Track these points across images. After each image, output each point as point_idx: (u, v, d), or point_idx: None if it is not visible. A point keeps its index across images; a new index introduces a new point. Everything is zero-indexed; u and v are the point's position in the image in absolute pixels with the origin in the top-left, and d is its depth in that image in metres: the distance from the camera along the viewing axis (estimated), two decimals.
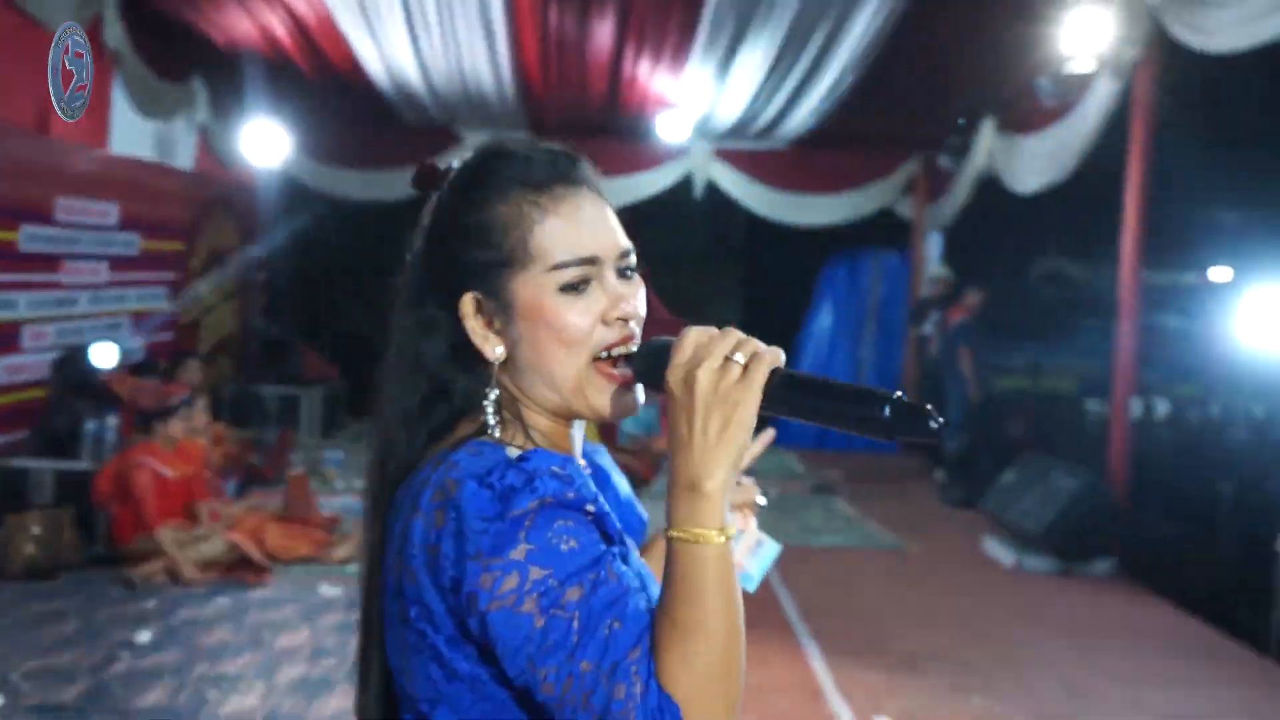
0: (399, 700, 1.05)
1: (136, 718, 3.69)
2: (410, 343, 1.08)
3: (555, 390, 1.06)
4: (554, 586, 0.94)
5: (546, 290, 1.04)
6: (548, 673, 0.93)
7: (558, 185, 1.08)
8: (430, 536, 0.97)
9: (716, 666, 0.94)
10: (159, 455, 5.33)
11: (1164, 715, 4.23)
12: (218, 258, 9.28)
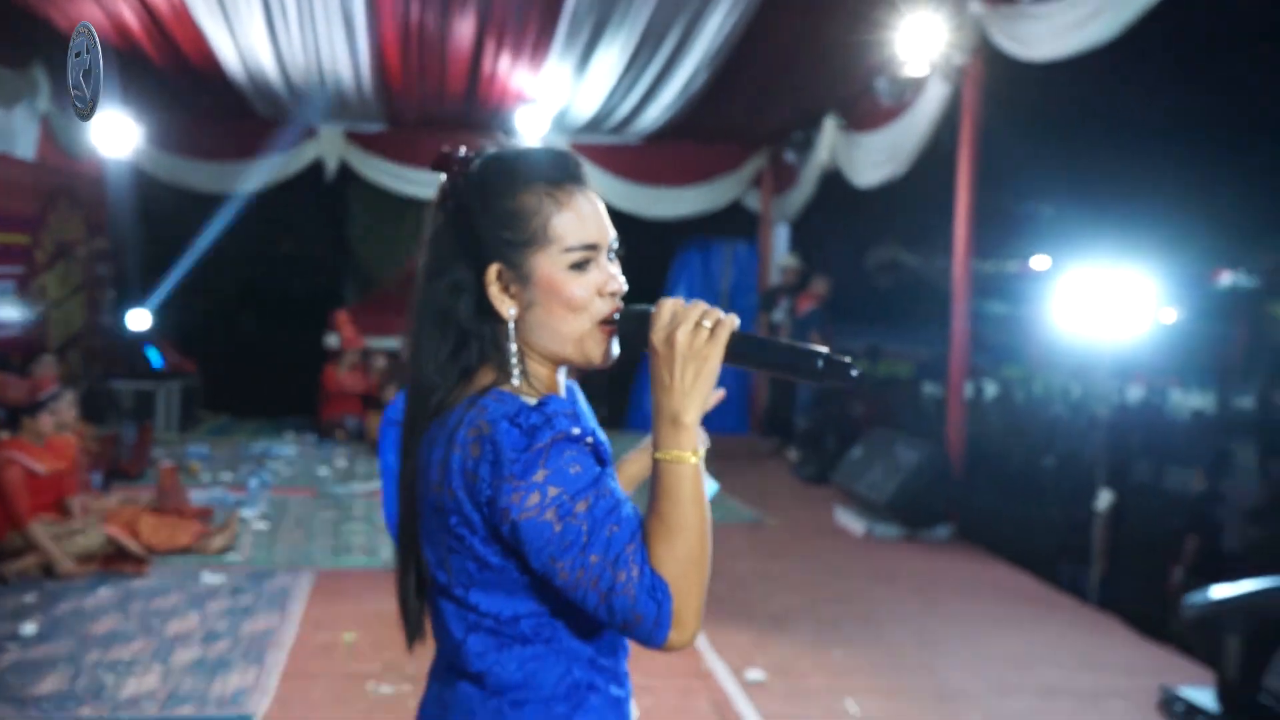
0: (433, 589, 1.29)
1: (37, 705, 3.73)
2: (440, 302, 1.31)
3: (560, 344, 1.32)
4: (566, 501, 1.20)
5: (559, 267, 1.29)
6: (564, 565, 1.19)
7: (569, 183, 1.32)
8: (468, 465, 1.21)
9: (695, 553, 1.22)
10: (29, 451, 5.27)
11: (1002, 655, 4.71)
12: (65, 251, 9.03)
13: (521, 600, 1.26)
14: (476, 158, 1.36)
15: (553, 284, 1.30)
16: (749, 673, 4.35)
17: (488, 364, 1.32)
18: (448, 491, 1.23)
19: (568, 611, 1.27)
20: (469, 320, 1.32)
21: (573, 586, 1.20)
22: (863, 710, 4.03)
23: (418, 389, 1.32)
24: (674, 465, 1.24)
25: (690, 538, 1.23)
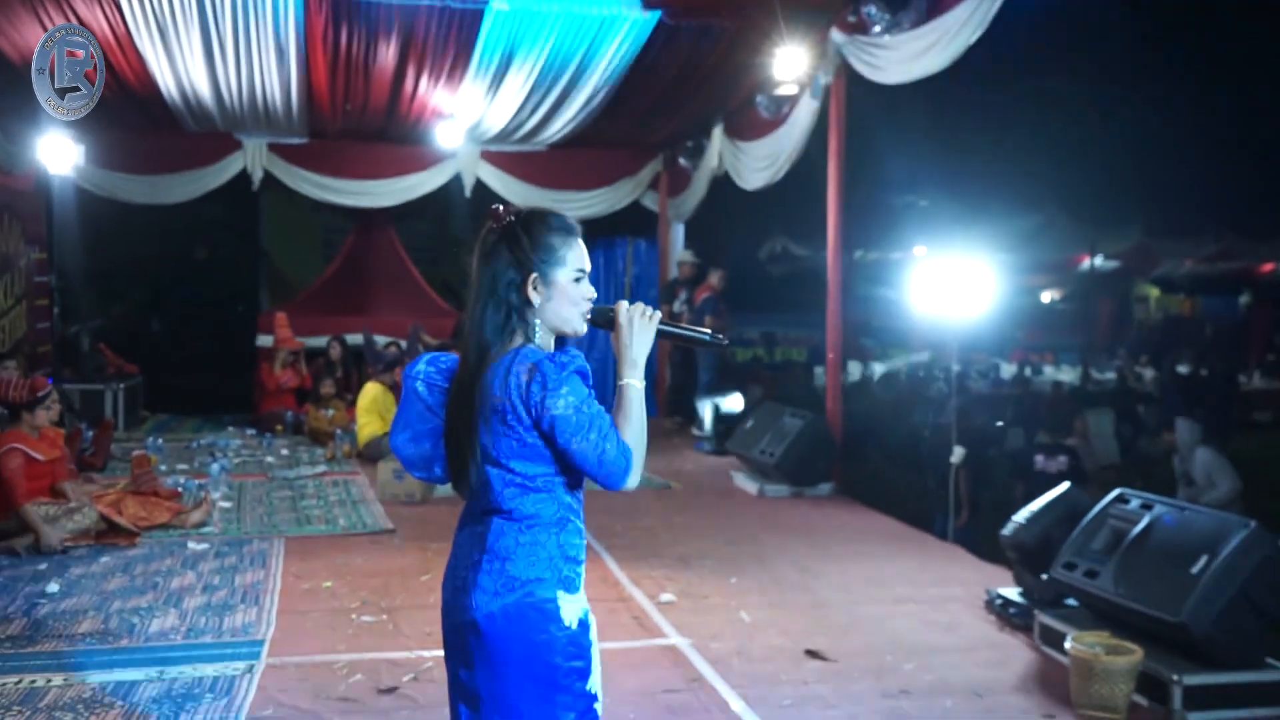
0: (485, 460, 2.22)
1: (82, 640, 4.54)
2: (499, 292, 2.22)
3: (562, 323, 2.26)
4: (578, 403, 2.15)
5: (568, 280, 2.25)
6: (579, 440, 2.14)
7: (574, 235, 2.28)
8: (523, 384, 2.14)
9: (640, 434, 2.20)
10: (27, 441, 6.00)
11: (865, 578, 5.78)
12: (8, 264, 9.61)
13: (541, 465, 2.21)
14: (519, 212, 2.28)
15: (564, 289, 2.25)
16: (662, 596, 5.36)
17: (516, 332, 2.27)
18: (506, 400, 2.17)
19: (565, 473, 2.22)
20: (516, 305, 2.25)
21: (582, 453, 2.15)
22: (752, 618, 5.07)
23: (480, 345, 2.25)
24: (630, 387, 2.22)
25: (637, 426, 2.21)
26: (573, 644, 2.20)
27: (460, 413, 2.26)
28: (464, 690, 2.27)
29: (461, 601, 2.22)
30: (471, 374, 2.24)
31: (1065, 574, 4.61)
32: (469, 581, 2.21)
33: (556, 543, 2.22)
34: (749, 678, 4.30)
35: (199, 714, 3.80)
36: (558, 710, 2.19)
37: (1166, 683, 3.96)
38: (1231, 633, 4.00)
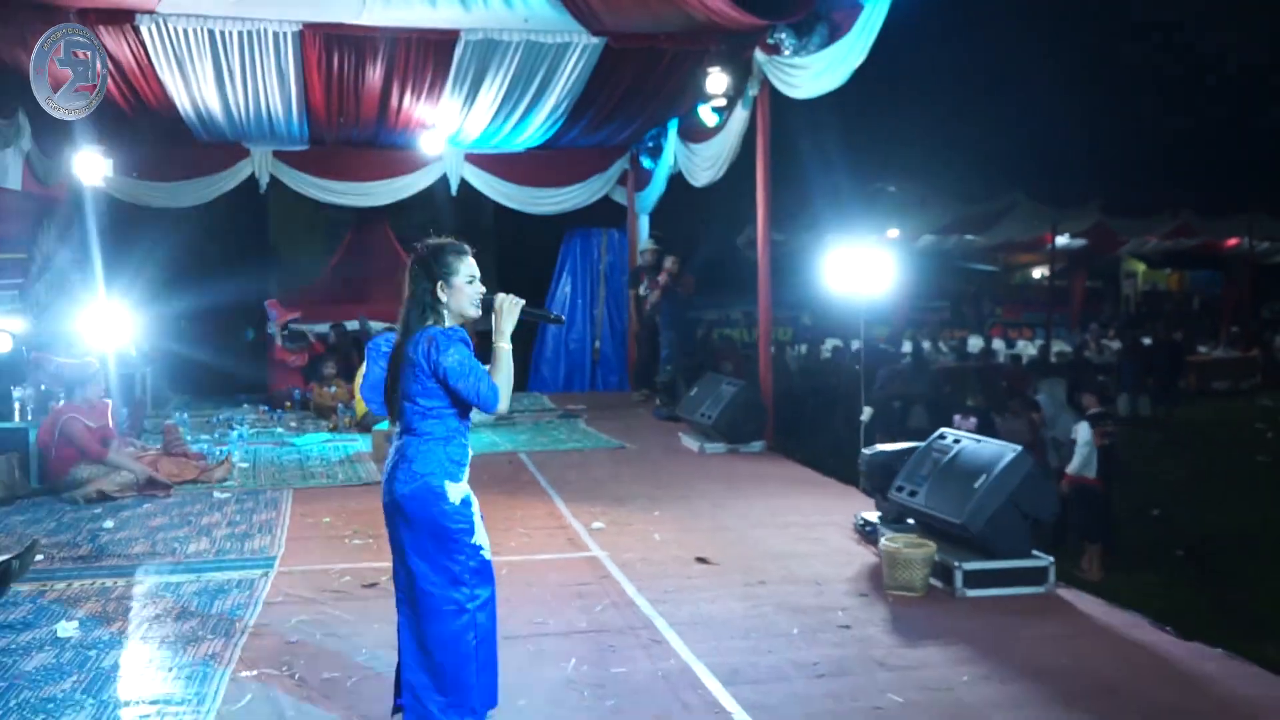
0: (404, 398, 3.53)
1: (139, 558, 5.90)
2: (419, 296, 3.51)
3: (461, 311, 3.56)
4: (462, 360, 3.45)
5: (463, 283, 3.54)
6: (462, 382, 3.45)
7: (465, 254, 3.57)
8: (425, 349, 3.45)
9: (508, 378, 3.51)
10: (82, 412, 7.35)
11: (766, 511, 7.07)
12: (49, 263, 10.95)
13: (437, 399, 3.50)
14: (428, 244, 3.58)
15: (460, 289, 3.55)
16: (593, 524, 6.69)
17: (429, 318, 3.57)
18: (416, 358, 3.48)
19: (455, 405, 3.52)
20: (427, 301, 3.55)
21: (465, 390, 3.45)
22: (662, 538, 6.39)
23: (407, 328, 3.55)
24: (500, 349, 3.53)
25: (505, 372, 3.50)
26: (457, 514, 3.51)
27: (393, 368, 3.58)
28: (395, 545, 3.59)
29: (388, 488, 3.54)
30: (400, 344, 3.56)
31: (896, 494, 5.93)
32: (391, 476, 3.53)
33: (444, 451, 3.52)
34: (646, 576, 5.63)
35: (227, 601, 5.14)
36: (453, 554, 3.51)
37: (951, 568, 5.28)
38: (1001, 531, 5.31)
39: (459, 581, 3.50)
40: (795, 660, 4.44)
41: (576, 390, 13.98)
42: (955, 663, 4.42)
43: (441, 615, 3.48)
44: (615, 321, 14.33)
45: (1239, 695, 4.07)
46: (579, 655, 4.48)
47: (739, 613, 5.05)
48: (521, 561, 5.93)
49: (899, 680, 4.22)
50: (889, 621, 4.95)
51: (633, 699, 4.05)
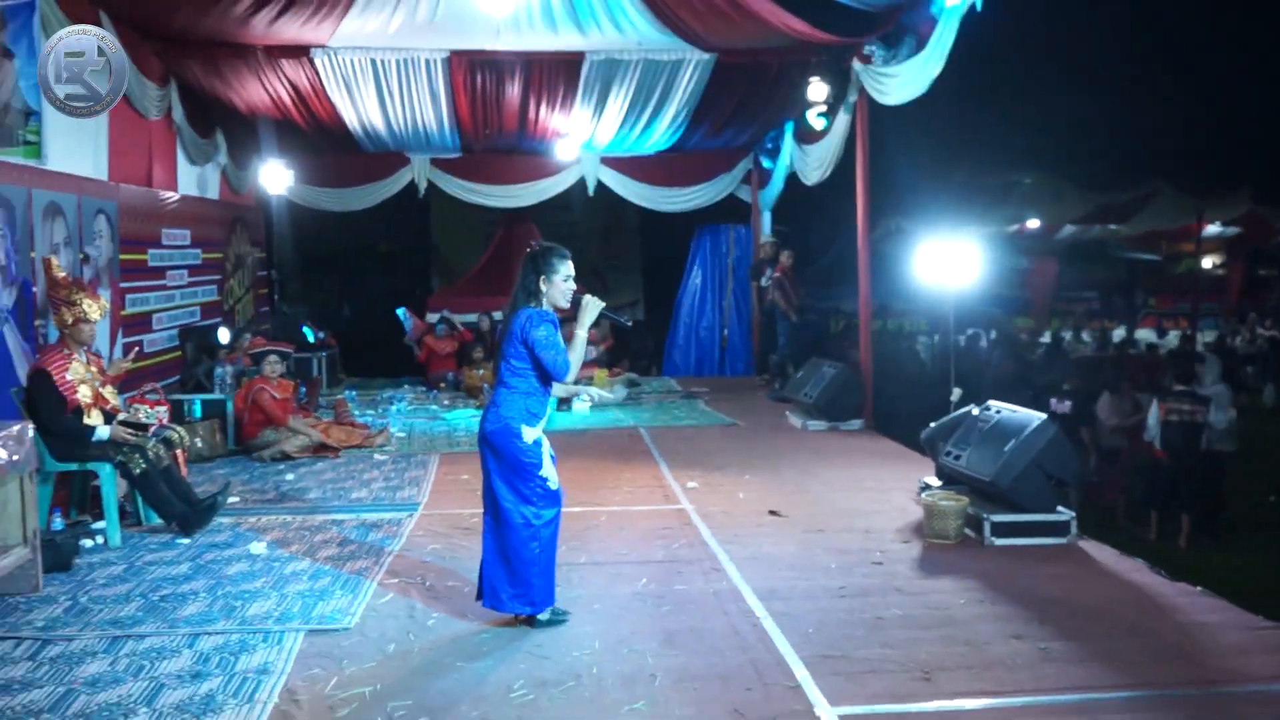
0: (503, 359, 4.65)
1: (312, 501, 7.24)
2: (526, 282, 4.62)
3: (556, 301, 4.66)
4: (547, 335, 4.56)
5: (560, 279, 4.64)
6: (543, 353, 4.55)
7: (566, 258, 4.67)
8: (524, 324, 4.56)
9: (579, 357, 4.61)
10: (270, 386, 8.81)
11: (845, 477, 7.95)
12: (240, 262, 12.66)
13: (524, 362, 4.60)
14: (540, 245, 4.70)
15: (557, 284, 4.65)
16: (688, 484, 7.72)
17: (530, 301, 4.67)
18: (516, 329, 4.58)
19: (536, 369, 4.60)
20: (532, 290, 4.64)
21: (545, 359, 4.54)
22: (745, 496, 7.36)
23: (513, 305, 4.66)
24: (579, 335, 4.62)
25: (577, 352, 4.60)
26: (530, 451, 4.62)
27: (502, 335, 4.73)
28: (484, 470, 4.72)
29: (481, 426, 4.69)
30: (506, 317, 4.70)
31: (944, 459, 6.76)
32: (484, 417, 4.68)
33: (524, 402, 4.63)
34: (722, 524, 6.63)
35: (379, 534, 6.40)
36: (525, 480, 4.63)
37: (981, 519, 6.10)
38: (1027, 487, 6.09)
39: (529, 501, 4.61)
40: (825, 585, 5.38)
41: (705, 375, 15.01)
42: (960, 591, 5.28)
43: (514, 527, 4.60)
44: (742, 311, 15.28)
45: (1195, 620, 4.82)
46: (649, 577, 5.52)
47: (791, 552, 6.01)
48: (621, 511, 7.01)
49: (907, 601, 5.12)
50: (917, 561, 5.82)
51: (684, 607, 5.07)
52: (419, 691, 4.08)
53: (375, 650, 4.53)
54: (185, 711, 3.90)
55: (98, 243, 8.38)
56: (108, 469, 6.23)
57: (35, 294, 7.14)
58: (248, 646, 4.55)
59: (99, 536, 6.22)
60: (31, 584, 5.30)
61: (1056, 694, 4.01)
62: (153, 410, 6.89)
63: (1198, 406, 9.13)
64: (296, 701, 3.99)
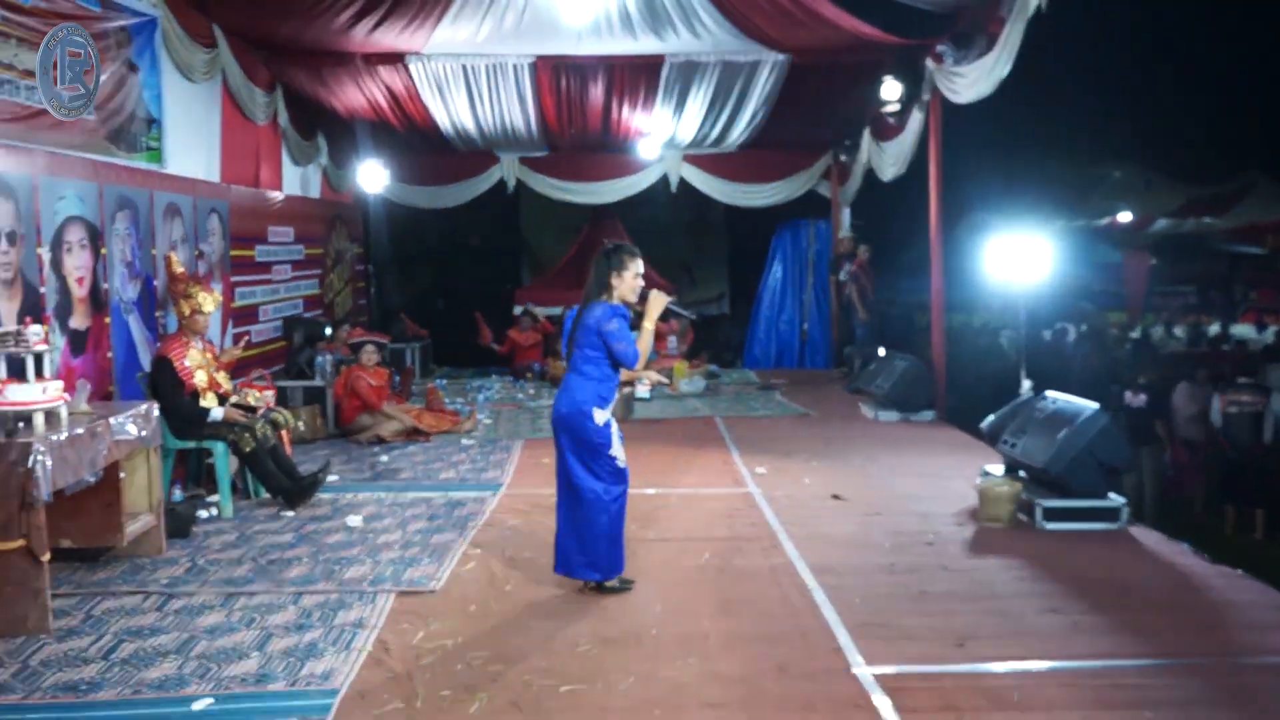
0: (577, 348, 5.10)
1: (405, 480, 7.79)
2: (600, 277, 5.07)
3: (626, 295, 5.10)
4: (619, 327, 5.00)
5: (630, 276, 5.09)
6: (615, 343, 4.99)
7: (636, 256, 5.11)
8: (598, 316, 5.01)
9: (647, 347, 5.05)
10: (366, 374, 9.41)
11: (911, 465, 8.23)
12: (340, 257, 13.36)
13: (597, 351, 5.03)
14: (614, 244, 5.13)
15: (627, 280, 5.08)
16: (757, 469, 8.09)
17: (603, 295, 5.10)
18: (592, 320, 5.03)
19: (608, 358, 5.04)
20: (604, 283, 5.09)
21: (616, 348, 4.98)
22: (810, 481, 7.71)
23: (587, 298, 5.10)
24: (646, 328, 5.05)
25: (645, 343, 5.04)
26: (600, 432, 5.05)
27: (575, 326, 5.16)
28: (558, 448, 5.17)
29: (555, 409, 5.13)
30: (581, 309, 5.13)
31: (1002, 447, 7.02)
32: (559, 400, 5.12)
33: (596, 387, 5.06)
34: (786, 506, 6.99)
35: (464, 510, 6.90)
36: (596, 458, 5.06)
37: (1033, 504, 6.36)
38: (1079, 475, 6.34)
39: (599, 478, 5.05)
40: (877, 562, 5.72)
41: (785, 367, 15.32)
42: (1005, 569, 5.57)
43: (585, 501, 5.04)
44: (822, 305, 15.55)
45: (1227, 598, 5.06)
46: (712, 552, 5.92)
47: (848, 532, 6.35)
48: (690, 493, 7.42)
49: (952, 577, 5.43)
50: (968, 542, 6.12)
51: (741, 579, 5.47)
52: (495, 644, 4.55)
53: (458, 610, 5.01)
54: (291, 656, 4.42)
55: (211, 240, 9.05)
56: (221, 447, 6.85)
57: (156, 287, 7.82)
58: (345, 604, 5.07)
59: (213, 508, 6.85)
60: (156, 547, 5.91)
61: (1080, 660, 4.31)
62: (260, 394, 7.48)
63: (1258, 398, 9.18)
64: (387, 650, 4.49)
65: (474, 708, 3.93)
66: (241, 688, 4.12)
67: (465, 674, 4.24)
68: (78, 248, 6.78)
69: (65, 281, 6.64)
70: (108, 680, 4.21)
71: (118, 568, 5.67)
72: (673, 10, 9.68)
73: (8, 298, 5.98)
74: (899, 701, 3.93)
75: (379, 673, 4.26)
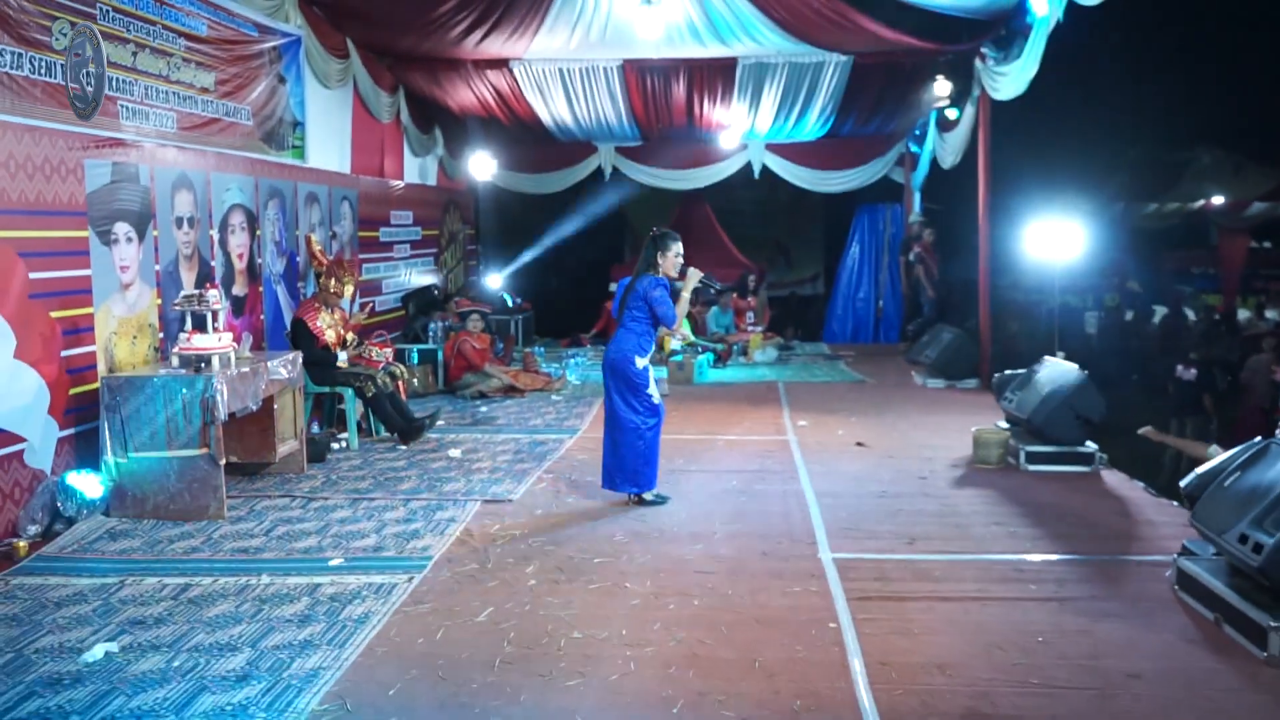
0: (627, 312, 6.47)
1: (500, 426, 9.29)
2: (648, 256, 6.43)
3: (667, 271, 6.45)
4: (662, 294, 6.37)
5: (673, 255, 6.45)
6: (658, 307, 6.36)
7: (677, 240, 6.47)
8: (645, 286, 6.37)
9: (682, 311, 6.43)
10: (472, 338, 10.96)
11: (941, 422, 9.36)
12: (453, 238, 14.98)
13: (642, 313, 6.38)
14: (660, 230, 6.49)
15: (670, 259, 6.43)
16: (800, 422, 9.35)
17: (650, 270, 6.45)
18: (640, 288, 6.38)
19: (650, 318, 6.39)
20: (651, 261, 6.43)
21: (659, 311, 6.33)
22: (843, 433, 8.93)
23: (637, 272, 6.46)
24: (684, 296, 6.41)
25: (680, 308, 6.39)
26: (639, 374, 6.42)
27: (625, 293, 6.53)
28: (606, 388, 6.55)
29: (606, 355, 6.54)
30: (633, 280, 6.50)
31: (1002, 402, 8.15)
32: (609, 349, 6.53)
33: (637, 340, 6.43)
34: (814, 450, 8.25)
35: (544, 448, 8.35)
36: (636, 395, 6.44)
37: (1018, 450, 7.50)
38: (1059, 425, 7.44)
39: (637, 411, 6.43)
40: (872, 490, 6.97)
41: (860, 342, 16.43)
42: (976, 497, 6.76)
43: (625, 429, 6.43)
44: (896, 284, 16.59)
45: (1149, 519, 6.17)
46: (739, 480, 7.24)
47: (858, 469, 7.60)
48: (736, 439, 8.73)
49: (927, 501, 6.65)
50: (956, 479, 7.30)
51: (756, 498, 6.78)
52: (550, 535, 5.98)
53: (527, 513, 6.45)
54: (400, 537, 5.91)
55: (343, 223, 10.69)
56: (349, 392, 8.43)
57: (299, 263, 9.45)
58: (443, 507, 6.56)
59: (343, 442, 8.44)
60: (299, 466, 7.51)
61: (1000, 554, 5.52)
62: (380, 351, 9.05)
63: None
64: (471, 535, 5.95)
65: (529, 568, 5.35)
66: (363, 554, 5.63)
67: (526, 550, 5.67)
68: (239, 230, 8.43)
69: (229, 257, 8.29)
70: (268, 547, 5.77)
71: (270, 479, 7.28)
72: (733, 24, 10.92)
73: (188, 269, 7.65)
74: (844, 574, 5.21)
75: (463, 549, 5.71)
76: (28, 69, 6.04)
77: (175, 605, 4.84)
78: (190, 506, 6.27)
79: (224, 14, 8.28)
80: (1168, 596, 4.90)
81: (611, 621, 4.59)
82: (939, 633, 4.45)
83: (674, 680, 3.99)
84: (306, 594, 4.98)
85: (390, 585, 5.09)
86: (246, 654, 4.26)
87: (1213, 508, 4.75)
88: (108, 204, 6.72)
